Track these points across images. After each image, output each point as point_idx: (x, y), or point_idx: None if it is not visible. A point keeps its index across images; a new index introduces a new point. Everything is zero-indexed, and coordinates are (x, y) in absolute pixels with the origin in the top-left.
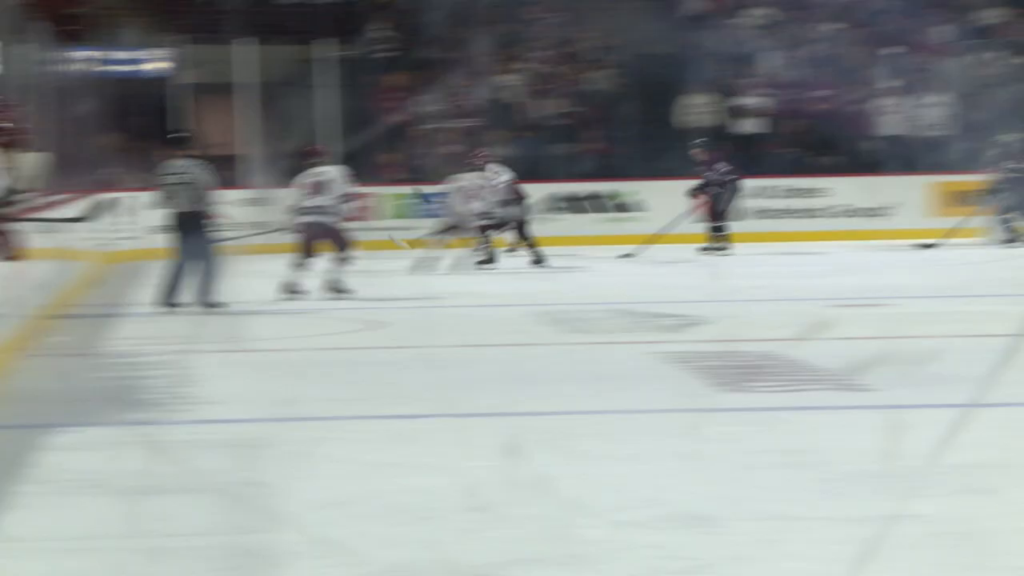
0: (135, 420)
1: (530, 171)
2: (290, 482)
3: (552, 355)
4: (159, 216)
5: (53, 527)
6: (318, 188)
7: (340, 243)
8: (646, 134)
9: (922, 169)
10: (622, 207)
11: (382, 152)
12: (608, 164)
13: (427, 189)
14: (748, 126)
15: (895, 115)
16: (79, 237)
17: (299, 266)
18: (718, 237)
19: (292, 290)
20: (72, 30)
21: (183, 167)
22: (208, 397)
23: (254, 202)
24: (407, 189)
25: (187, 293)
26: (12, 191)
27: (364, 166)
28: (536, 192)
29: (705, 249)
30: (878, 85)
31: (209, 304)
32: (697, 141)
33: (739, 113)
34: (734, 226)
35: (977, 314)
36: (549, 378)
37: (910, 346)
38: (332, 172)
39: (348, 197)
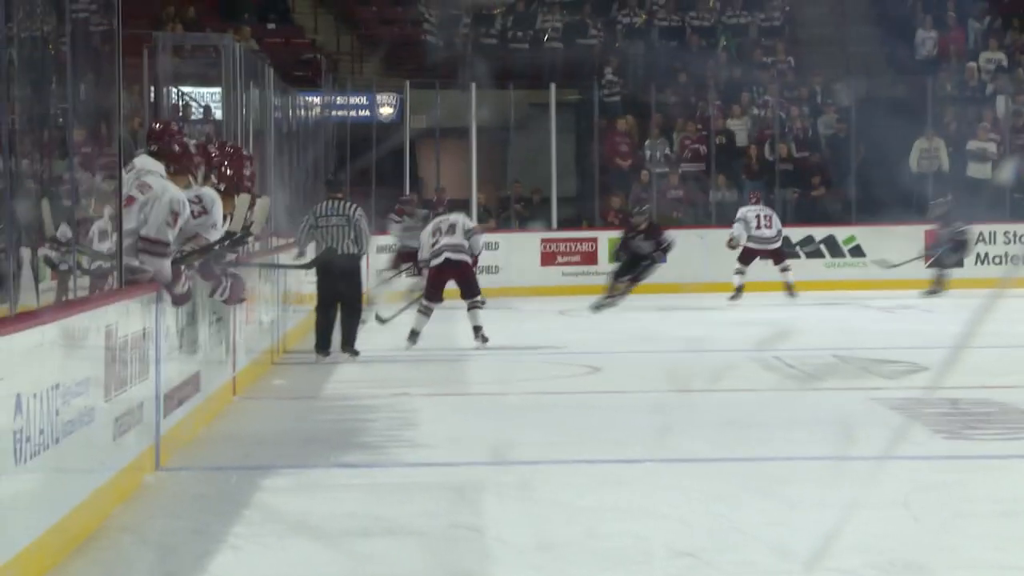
0: (351, 463)
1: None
2: (502, 526)
3: (771, 401)
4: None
5: (264, 568)
6: (450, 229)
7: (472, 285)
8: (876, 178)
9: None
10: (856, 251)
11: (609, 196)
12: (835, 209)
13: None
14: (980, 171)
15: None
16: (304, 281)
17: (425, 311)
18: (939, 281)
19: (415, 337)
20: (305, 76)
21: (338, 209)
22: (424, 440)
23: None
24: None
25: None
26: (240, 235)
27: (590, 209)
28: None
29: (928, 293)
30: None
31: (352, 351)
32: (939, 200)
33: (972, 157)
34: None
35: None
36: (767, 423)
37: None
38: (458, 217)
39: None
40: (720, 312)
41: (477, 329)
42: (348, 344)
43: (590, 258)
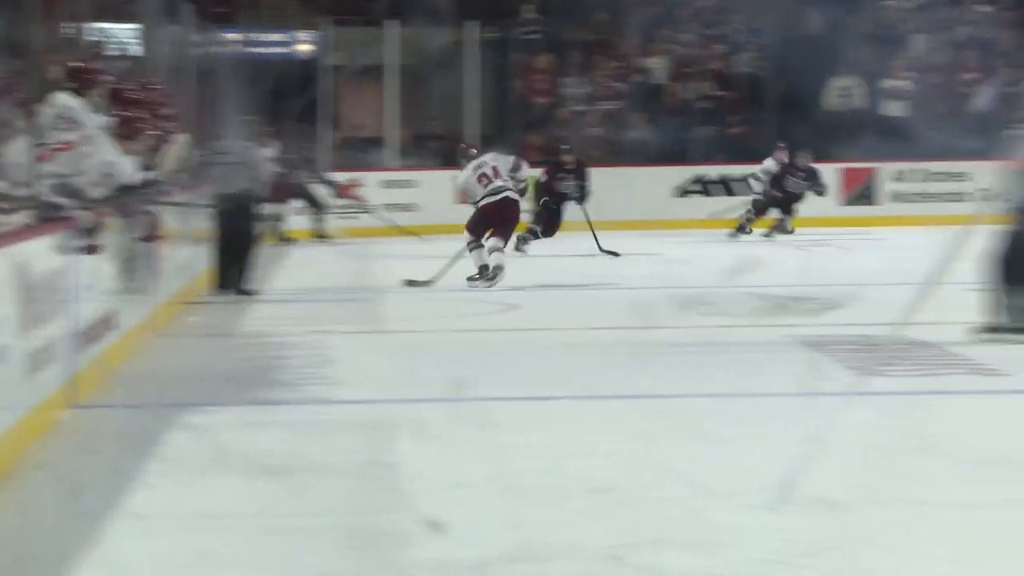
0: (268, 400)
1: (674, 154)
2: (419, 463)
3: (685, 338)
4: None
5: (178, 506)
6: (496, 172)
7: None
8: (793, 116)
9: None
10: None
11: (527, 134)
12: (750, 147)
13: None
14: (894, 109)
15: None
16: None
17: (479, 247)
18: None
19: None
20: (220, 12)
21: (235, 147)
22: (340, 378)
23: (393, 184)
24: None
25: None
26: (153, 174)
27: (508, 149)
28: (680, 175)
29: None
30: None
31: (245, 291)
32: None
33: (886, 96)
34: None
35: None
36: (681, 361)
37: None
38: (492, 157)
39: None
40: (637, 252)
41: (483, 269)
42: (241, 284)
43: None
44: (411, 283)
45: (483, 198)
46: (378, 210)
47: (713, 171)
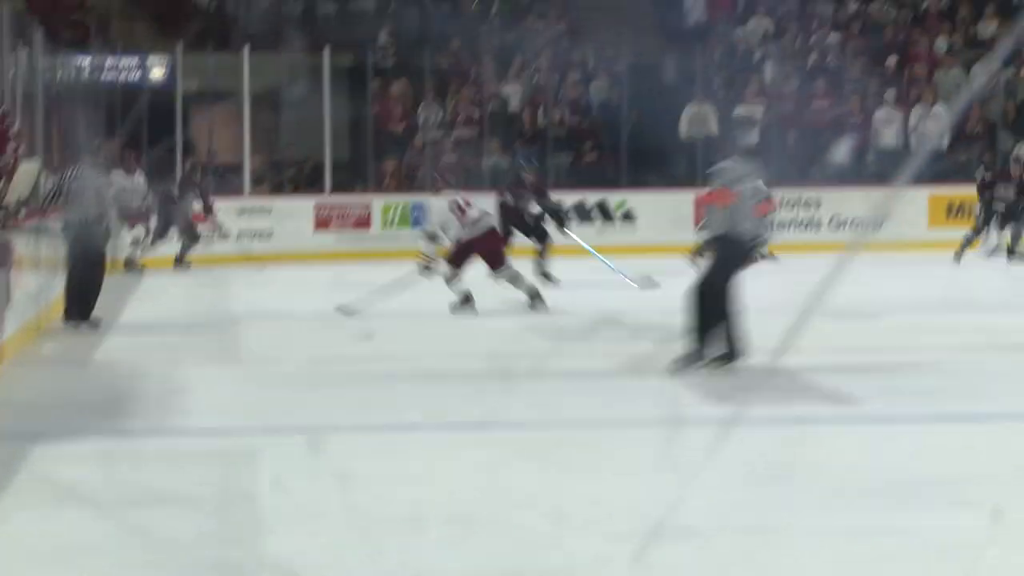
0: (122, 431)
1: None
2: (276, 494)
3: (548, 367)
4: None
5: (33, 539)
6: (468, 203)
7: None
8: (647, 144)
9: (924, 180)
10: (628, 216)
11: (382, 161)
12: (604, 175)
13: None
14: (747, 137)
15: (893, 126)
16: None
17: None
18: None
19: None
20: (74, 37)
21: (86, 174)
22: (194, 408)
23: (249, 211)
24: (405, 199)
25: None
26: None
27: (363, 175)
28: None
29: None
30: (878, 96)
31: (90, 321)
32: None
33: (738, 123)
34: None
35: (968, 327)
36: (544, 389)
37: (899, 358)
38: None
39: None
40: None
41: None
42: (87, 313)
43: (364, 223)
44: (343, 309)
45: (466, 230)
46: (232, 236)
47: (568, 198)
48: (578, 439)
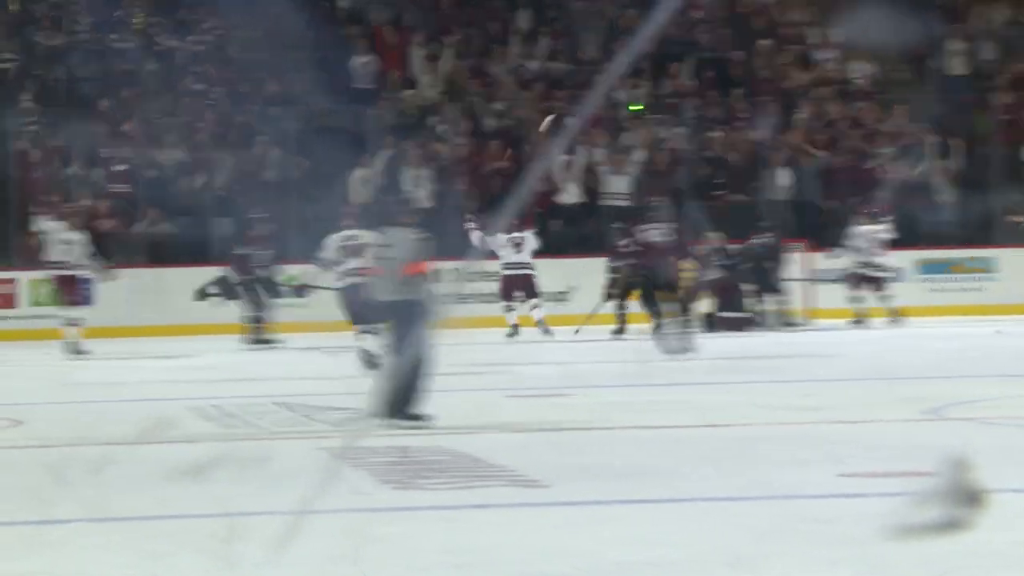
0: None
1: (196, 250)
2: None
3: (207, 452)
4: None
5: None
6: (354, 251)
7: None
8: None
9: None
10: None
11: (30, 231)
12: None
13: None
14: (420, 198)
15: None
16: None
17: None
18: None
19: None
20: None
21: None
22: None
23: None
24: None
25: None
26: None
27: (6, 247)
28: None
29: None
30: None
31: None
32: None
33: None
34: None
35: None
36: (214, 477)
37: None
38: (364, 235)
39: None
40: (153, 359)
41: None
42: None
43: (7, 301)
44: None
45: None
46: None
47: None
48: (250, 528)
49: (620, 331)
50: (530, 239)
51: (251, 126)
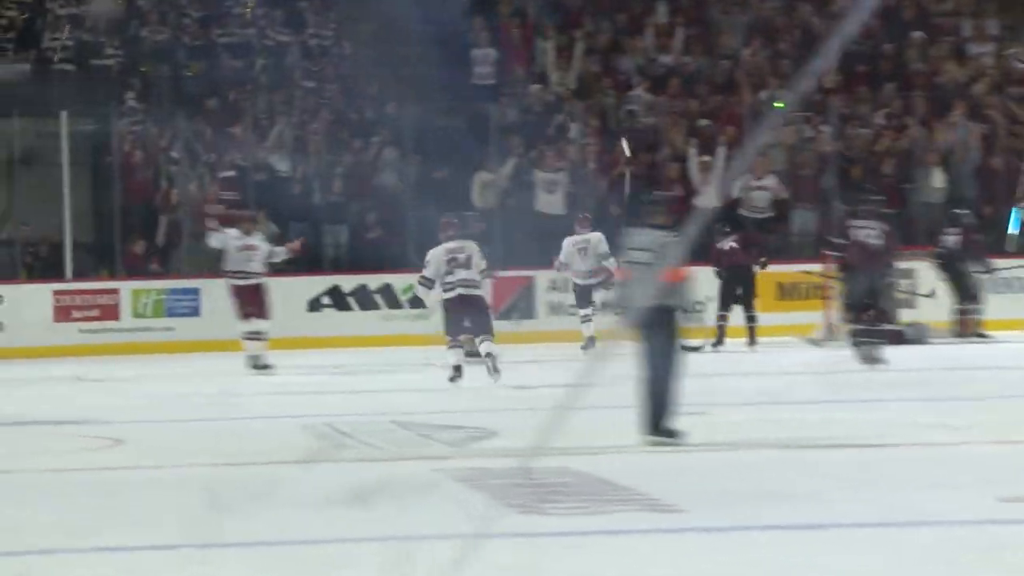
0: None
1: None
2: None
3: (326, 474)
4: None
5: None
6: (461, 264)
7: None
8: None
9: None
10: (417, 302)
11: (132, 240)
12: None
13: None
14: (549, 203)
15: None
16: None
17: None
18: None
19: None
20: None
21: None
22: None
23: None
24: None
25: None
26: None
27: (110, 256)
28: (315, 286)
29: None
30: None
31: None
32: None
33: (540, 189)
34: None
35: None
36: (312, 501)
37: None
38: (468, 246)
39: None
40: (255, 374)
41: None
42: None
43: (111, 312)
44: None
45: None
46: None
47: (348, 281)
48: (362, 555)
49: (719, 342)
50: (597, 242)
51: (366, 126)
